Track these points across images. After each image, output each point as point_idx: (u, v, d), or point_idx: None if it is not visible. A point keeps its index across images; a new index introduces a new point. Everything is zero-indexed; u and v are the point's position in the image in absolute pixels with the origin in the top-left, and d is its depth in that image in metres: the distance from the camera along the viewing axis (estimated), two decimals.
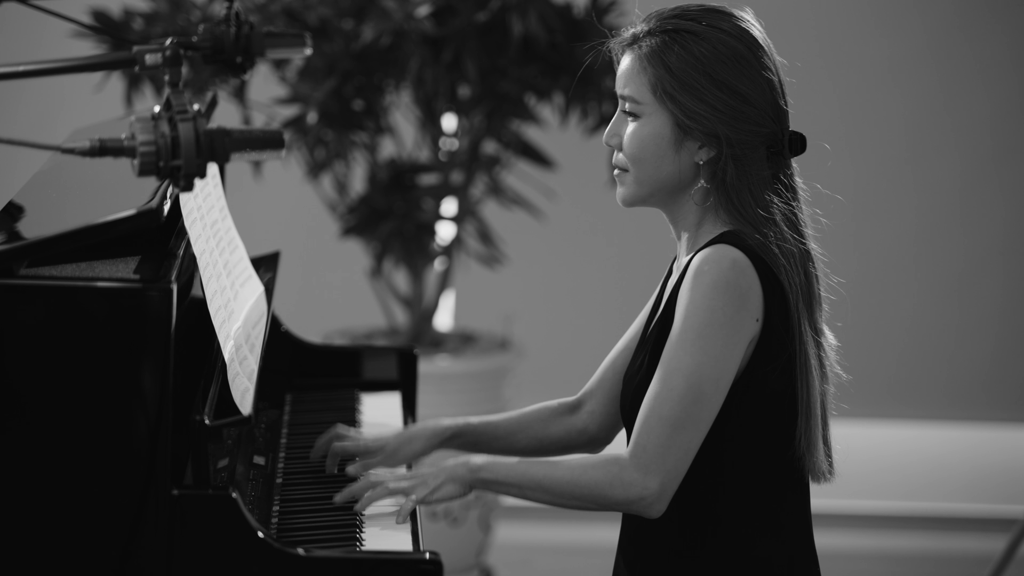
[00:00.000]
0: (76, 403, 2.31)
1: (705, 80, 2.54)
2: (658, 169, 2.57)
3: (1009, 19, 5.80)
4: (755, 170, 2.56)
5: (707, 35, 2.55)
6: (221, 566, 2.35)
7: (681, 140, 2.55)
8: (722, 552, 2.56)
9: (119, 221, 2.41)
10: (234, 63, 2.82)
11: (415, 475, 2.58)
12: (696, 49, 2.54)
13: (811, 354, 2.55)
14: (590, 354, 5.74)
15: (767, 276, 2.51)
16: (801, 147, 2.63)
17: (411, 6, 4.69)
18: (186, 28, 4.72)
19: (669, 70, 2.54)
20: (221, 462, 2.60)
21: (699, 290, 2.48)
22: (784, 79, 2.63)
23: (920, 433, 5.91)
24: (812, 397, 2.55)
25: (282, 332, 3.26)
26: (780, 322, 2.52)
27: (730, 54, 2.55)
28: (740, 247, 2.50)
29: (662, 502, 2.48)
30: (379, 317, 5.45)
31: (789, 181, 2.61)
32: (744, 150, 2.55)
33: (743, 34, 2.57)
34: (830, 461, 2.61)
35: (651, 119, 2.56)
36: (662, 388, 2.48)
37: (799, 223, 2.59)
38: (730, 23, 2.57)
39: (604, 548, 5.11)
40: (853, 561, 5.42)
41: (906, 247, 5.87)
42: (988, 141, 5.83)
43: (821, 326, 2.60)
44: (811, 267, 2.59)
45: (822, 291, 2.61)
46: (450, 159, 4.99)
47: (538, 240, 5.62)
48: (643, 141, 2.57)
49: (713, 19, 2.57)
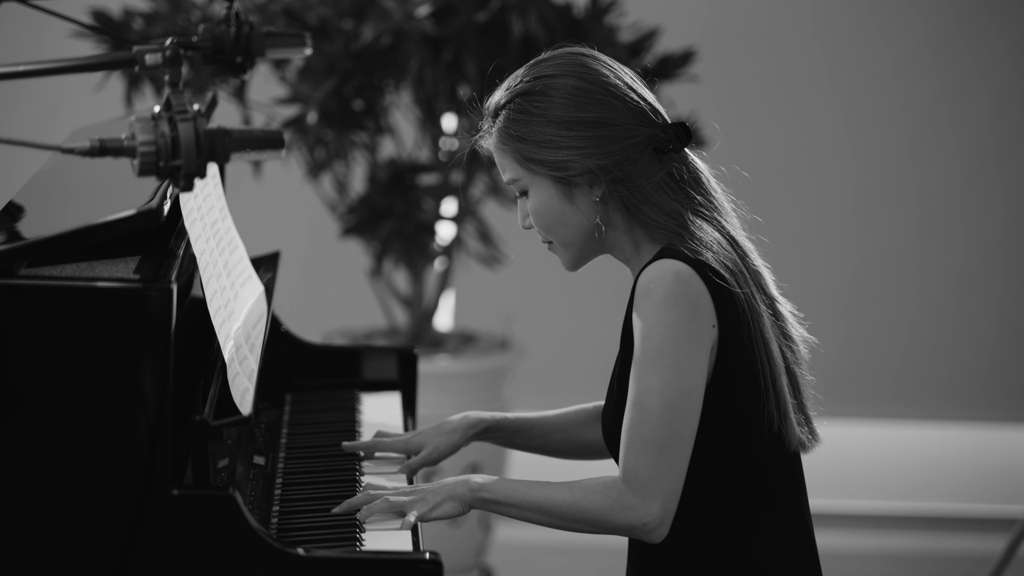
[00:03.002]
0: (76, 403, 2.31)
1: (551, 129, 2.55)
2: (568, 226, 2.60)
3: (1009, 19, 5.80)
4: (646, 179, 2.55)
5: (535, 89, 2.57)
6: (221, 566, 2.35)
7: (569, 191, 2.57)
8: (725, 556, 2.55)
9: (119, 221, 2.41)
10: (234, 63, 2.82)
11: (416, 490, 2.58)
12: (531, 107, 2.56)
13: (768, 326, 2.54)
14: (590, 354, 5.75)
15: (711, 279, 2.50)
16: (687, 136, 2.59)
17: (411, 6, 4.69)
18: (186, 28, 4.72)
19: (519, 139, 2.57)
20: (221, 462, 2.60)
21: (650, 308, 2.48)
22: (630, 82, 2.59)
23: (920, 433, 5.91)
24: (776, 370, 2.54)
25: (282, 332, 3.26)
26: (733, 319, 2.51)
27: (563, 93, 2.56)
28: (680, 258, 2.50)
29: (664, 527, 2.47)
30: (379, 317, 5.45)
31: (686, 172, 2.59)
32: (626, 168, 2.55)
33: (569, 68, 2.58)
34: (810, 428, 2.60)
35: (535, 189, 2.59)
36: (637, 412, 2.47)
37: (710, 208, 2.58)
38: (553, 66, 2.59)
39: (604, 548, 5.12)
40: (853, 561, 5.42)
41: (906, 247, 5.87)
42: (988, 141, 5.83)
43: (772, 293, 2.60)
44: (739, 247, 2.58)
45: (757, 262, 2.60)
46: (450, 159, 4.99)
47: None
48: (540, 211, 2.60)
49: (534, 72, 2.59)
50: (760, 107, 5.79)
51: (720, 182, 2.64)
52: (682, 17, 5.67)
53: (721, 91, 5.76)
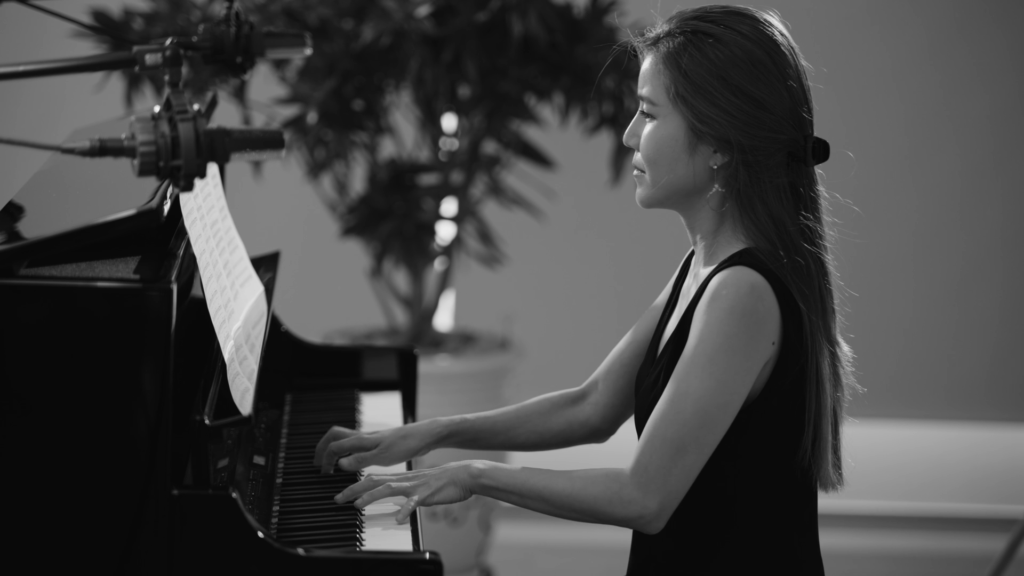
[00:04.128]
0: (76, 403, 2.31)
1: (719, 84, 2.50)
2: (672, 172, 2.55)
3: (1009, 19, 5.80)
4: (770, 177, 2.52)
5: (725, 38, 2.52)
6: (221, 566, 2.35)
7: (695, 144, 2.53)
8: (733, 565, 2.56)
9: (119, 221, 2.41)
10: (234, 63, 2.82)
11: (417, 475, 2.58)
12: (712, 52, 2.51)
13: (825, 366, 2.53)
14: (590, 353, 5.74)
15: (785, 297, 2.48)
16: (824, 154, 2.58)
17: (411, 6, 4.69)
18: (186, 28, 4.72)
19: (684, 73, 2.51)
20: (221, 462, 2.60)
21: (715, 314, 2.46)
22: (808, 85, 2.58)
23: (920, 433, 5.91)
24: (823, 409, 2.53)
25: (282, 332, 3.26)
26: (796, 340, 2.50)
27: (747, 58, 2.51)
28: (758, 268, 2.48)
29: (660, 520, 2.48)
30: (379, 317, 5.45)
31: (808, 190, 2.57)
32: (759, 156, 2.51)
33: (763, 38, 2.53)
34: (839, 471, 2.60)
35: (666, 122, 2.54)
36: (669, 409, 2.47)
37: (814, 235, 2.56)
38: (751, 26, 2.54)
39: (604, 548, 5.12)
40: (853, 561, 5.42)
41: (906, 247, 5.87)
42: (988, 141, 5.82)
43: (836, 336, 2.58)
44: (825, 281, 2.56)
45: (835, 303, 2.59)
46: (450, 159, 4.99)
47: (538, 240, 5.62)
48: (657, 143, 2.55)
49: (733, 22, 2.54)
50: None
51: (829, 212, 2.61)
52: None
53: None
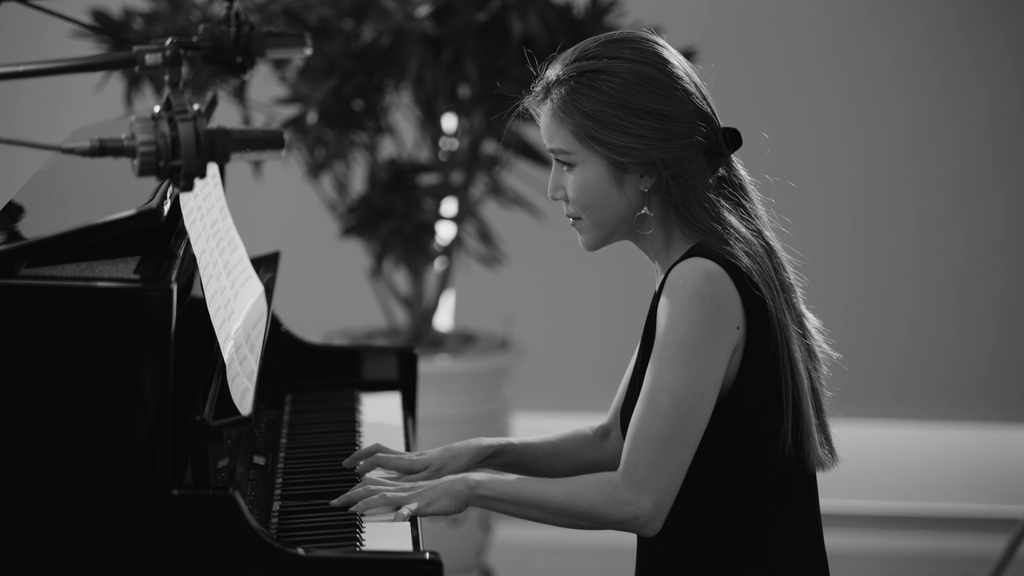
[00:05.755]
0: (76, 403, 2.31)
1: (623, 113, 2.54)
2: (608, 209, 2.58)
3: (1009, 19, 5.80)
4: (699, 180, 2.56)
5: (612, 68, 2.55)
6: (221, 566, 2.35)
7: (620, 176, 2.56)
8: (732, 557, 2.56)
9: (119, 221, 2.41)
10: (234, 63, 2.82)
11: (413, 486, 2.58)
12: (605, 86, 2.54)
13: (796, 344, 2.55)
14: (590, 354, 5.75)
15: (742, 282, 2.51)
16: (737, 142, 2.62)
17: (411, 6, 4.69)
18: (186, 28, 4.72)
19: (586, 115, 2.55)
20: (221, 462, 2.60)
21: (676, 305, 2.48)
22: (697, 80, 2.61)
23: (920, 433, 5.91)
24: (800, 391, 2.54)
25: (282, 332, 3.26)
26: (763, 325, 2.52)
27: (640, 80, 2.54)
28: (712, 258, 2.51)
29: (657, 520, 2.48)
30: (379, 317, 5.45)
31: (733, 176, 2.61)
32: (683, 166, 2.55)
33: (646, 55, 2.57)
34: (829, 448, 2.61)
35: (585, 166, 2.57)
36: (648, 406, 2.48)
37: (752, 217, 2.60)
38: (631, 48, 2.57)
39: (604, 548, 5.12)
40: (853, 561, 5.42)
41: (906, 247, 5.87)
42: (988, 141, 5.83)
43: (801, 309, 2.61)
44: (775, 258, 2.59)
45: (791, 275, 2.61)
46: (450, 159, 4.99)
47: (538, 240, 5.62)
48: (585, 189, 2.58)
49: (613, 50, 2.57)
50: (760, 107, 5.79)
51: (757, 191, 2.64)
52: (682, 17, 5.67)
53: (721, 91, 5.74)
